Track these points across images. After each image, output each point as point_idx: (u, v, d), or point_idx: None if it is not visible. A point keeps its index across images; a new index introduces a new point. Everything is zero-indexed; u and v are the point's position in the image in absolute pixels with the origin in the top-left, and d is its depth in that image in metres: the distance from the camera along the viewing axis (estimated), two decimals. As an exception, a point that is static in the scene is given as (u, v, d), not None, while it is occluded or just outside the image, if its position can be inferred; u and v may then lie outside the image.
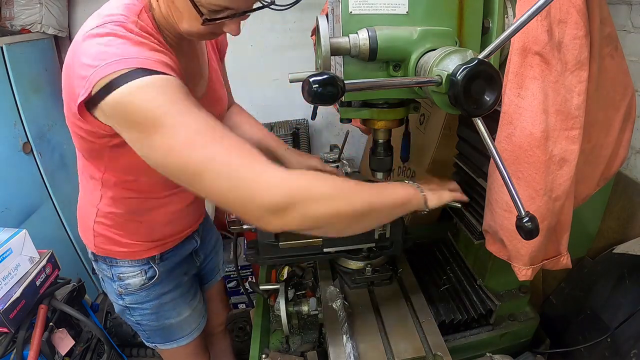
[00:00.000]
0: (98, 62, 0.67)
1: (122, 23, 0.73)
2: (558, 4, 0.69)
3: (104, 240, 1.05)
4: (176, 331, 1.20)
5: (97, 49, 0.69)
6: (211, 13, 0.75)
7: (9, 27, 1.96)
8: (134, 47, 0.70)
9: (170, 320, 1.16)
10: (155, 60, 0.69)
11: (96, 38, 0.70)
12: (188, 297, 1.20)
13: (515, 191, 0.63)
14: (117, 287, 1.09)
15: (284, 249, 1.07)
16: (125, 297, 1.10)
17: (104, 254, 1.07)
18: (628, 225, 1.41)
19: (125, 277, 1.08)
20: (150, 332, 1.18)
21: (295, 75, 0.70)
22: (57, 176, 2.06)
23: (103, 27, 0.72)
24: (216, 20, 0.76)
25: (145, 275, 1.08)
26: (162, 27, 0.84)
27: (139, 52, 0.69)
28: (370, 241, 1.07)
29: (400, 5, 0.72)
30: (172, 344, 1.21)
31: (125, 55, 0.67)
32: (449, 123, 1.44)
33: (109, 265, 1.08)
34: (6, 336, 1.26)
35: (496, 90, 0.59)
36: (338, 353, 0.91)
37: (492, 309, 1.17)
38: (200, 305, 1.27)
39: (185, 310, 1.19)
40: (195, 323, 1.24)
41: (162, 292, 1.12)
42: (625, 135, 0.93)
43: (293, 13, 1.45)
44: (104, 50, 0.68)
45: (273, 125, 2.53)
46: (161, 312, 1.14)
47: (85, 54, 0.69)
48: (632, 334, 1.20)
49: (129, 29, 0.73)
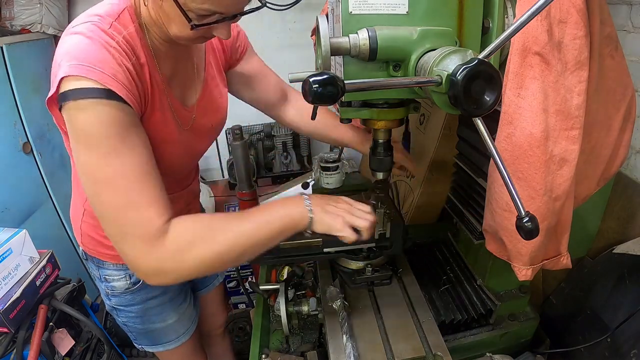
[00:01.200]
0: (65, 60, 0.69)
1: (96, 23, 0.74)
2: (558, 4, 0.69)
3: (90, 240, 1.05)
4: (161, 336, 1.19)
5: (67, 48, 0.71)
6: (200, 18, 0.74)
7: (9, 27, 1.97)
8: (99, 52, 0.71)
9: (155, 325, 1.15)
10: (110, 76, 0.70)
11: (69, 36, 0.73)
12: (177, 302, 1.19)
13: (515, 191, 0.63)
14: (104, 288, 1.10)
15: (284, 249, 1.07)
16: (111, 298, 1.10)
17: (92, 255, 1.07)
18: (628, 225, 1.41)
19: (110, 279, 1.07)
20: (136, 334, 1.18)
21: (295, 75, 0.70)
22: (57, 176, 2.06)
23: (80, 25, 0.74)
24: (205, 25, 0.75)
25: (130, 280, 1.07)
26: (150, 29, 0.82)
27: (101, 59, 0.71)
28: (370, 241, 1.07)
29: (400, 5, 0.72)
30: (158, 347, 1.21)
31: (88, 60, 0.69)
32: (449, 123, 1.44)
33: (96, 266, 1.08)
34: (6, 336, 1.26)
35: (496, 90, 0.59)
36: (338, 353, 0.91)
37: (492, 309, 1.17)
38: (190, 310, 1.26)
39: (171, 316, 1.17)
40: (184, 328, 1.22)
41: (147, 297, 1.11)
42: (625, 135, 0.93)
43: (293, 13, 1.46)
44: (72, 49, 0.71)
45: (273, 125, 2.53)
46: (146, 317, 1.13)
47: (58, 51, 0.73)
48: (632, 334, 1.20)
49: (102, 29, 0.73)
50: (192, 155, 1.06)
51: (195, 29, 0.75)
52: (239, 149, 2.02)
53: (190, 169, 1.14)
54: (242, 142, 2.02)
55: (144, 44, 0.81)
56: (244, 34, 1.14)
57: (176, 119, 0.91)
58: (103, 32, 0.73)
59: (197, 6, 0.71)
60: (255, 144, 2.54)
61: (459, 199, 1.24)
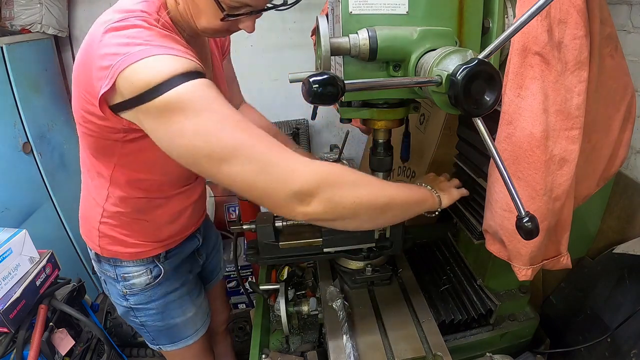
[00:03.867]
0: (126, 50, 0.66)
1: (145, 18, 0.74)
2: (558, 4, 0.69)
3: (109, 241, 1.04)
4: (182, 331, 1.19)
5: (121, 40, 0.68)
6: (231, 9, 0.78)
7: (9, 27, 1.96)
8: (161, 39, 0.70)
9: (175, 319, 1.16)
10: (184, 52, 0.69)
11: (121, 31, 0.70)
12: (194, 294, 1.21)
13: (515, 191, 0.63)
14: (121, 288, 1.09)
15: (284, 249, 1.07)
16: (129, 298, 1.10)
17: (109, 255, 1.06)
18: (628, 225, 1.41)
19: (130, 277, 1.07)
20: (155, 333, 1.17)
21: (295, 75, 0.70)
22: (57, 176, 2.06)
23: (126, 20, 0.71)
24: (236, 16, 0.79)
25: (151, 274, 1.08)
26: (177, 24, 0.85)
27: (166, 43, 0.70)
28: (370, 241, 1.07)
29: (400, 5, 0.72)
30: (177, 344, 1.20)
31: (153, 43, 0.68)
32: (449, 123, 1.44)
33: (112, 266, 1.08)
34: (6, 336, 1.26)
35: (496, 90, 0.59)
36: (338, 353, 0.91)
37: (492, 309, 1.17)
38: (206, 303, 1.28)
39: (190, 309, 1.19)
40: (201, 321, 1.24)
41: (167, 290, 1.12)
42: (625, 135, 0.93)
43: (293, 13, 1.46)
44: (129, 41, 0.68)
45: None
46: (166, 312, 1.13)
47: (108, 46, 0.69)
48: (632, 334, 1.20)
49: (151, 23, 0.74)
50: None
51: (225, 20, 0.78)
52: (239, 149, 2.01)
53: None
54: (242, 142, 2.01)
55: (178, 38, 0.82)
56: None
57: None
58: (154, 25, 0.73)
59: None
60: (255, 144, 2.54)
61: (459, 199, 1.24)
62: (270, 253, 1.09)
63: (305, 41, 1.47)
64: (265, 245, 1.07)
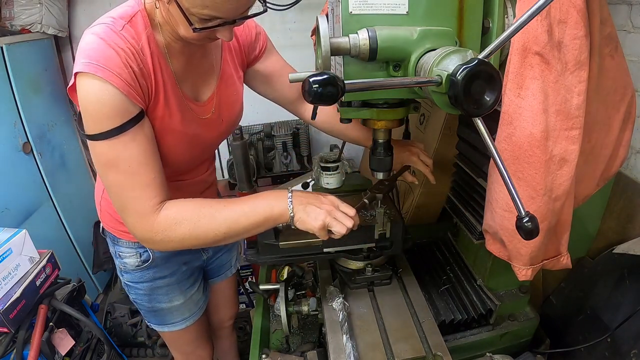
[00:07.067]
0: (80, 57, 0.77)
1: (110, 25, 0.81)
2: (558, 4, 0.69)
3: (108, 217, 1.12)
4: (167, 316, 1.24)
5: (83, 46, 0.79)
6: (201, 22, 0.78)
7: (9, 27, 1.97)
8: (108, 51, 0.78)
9: (161, 304, 1.21)
10: (116, 74, 0.77)
11: (87, 35, 0.80)
12: (184, 285, 1.24)
13: (515, 191, 0.63)
14: (118, 264, 1.17)
15: (284, 249, 1.07)
16: (124, 275, 1.17)
17: (109, 230, 1.14)
18: (628, 225, 1.41)
19: (123, 255, 1.14)
20: (144, 311, 1.25)
21: (295, 75, 0.70)
22: (57, 176, 2.06)
23: (97, 26, 0.81)
24: (206, 29, 0.79)
25: (140, 258, 1.13)
26: (164, 28, 0.88)
27: (108, 57, 0.78)
28: (370, 241, 1.07)
29: (400, 5, 0.72)
30: (164, 327, 1.27)
31: (97, 59, 0.77)
32: (449, 123, 1.44)
33: (112, 242, 1.15)
34: (6, 336, 1.26)
35: (496, 90, 0.59)
36: (338, 353, 0.91)
37: (492, 309, 1.17)
38: (198, 296, 1.30)
39: (178, 298, 1.22)
40: (189, 312, 1.27)
41: (155, 276, 1.16)
42: (625, 135, 0.93)
43: (293, 13, 1.46)
44: (86, 48, 0.78)
45: (273, 125, 2.53)
46: (153, 295, 1.19)
47: (79, 47, 0.80)
48: (632, 334, 1.20)
49: (113, 31, 0.80)
50: (201, 146, 1.07)
51: (197, 32, 0.79)
52: (239, 149, 2.01)
53: (203, 160, 1.16)
54: (242, 142, 2.02)
55: (157, 43, 0.87)
56: (265, 35, 1.16)
57: (182, 112, 0.94)
58: (115, 33, 0.80)
59: (198, 11, 0.75)
60: (255, 143, 2.54)
61: (459, 199, 1.24)
62: (270, 253, 1.09)
63: (305, 41, 1.47)
64: (265, 245, 1.07)
